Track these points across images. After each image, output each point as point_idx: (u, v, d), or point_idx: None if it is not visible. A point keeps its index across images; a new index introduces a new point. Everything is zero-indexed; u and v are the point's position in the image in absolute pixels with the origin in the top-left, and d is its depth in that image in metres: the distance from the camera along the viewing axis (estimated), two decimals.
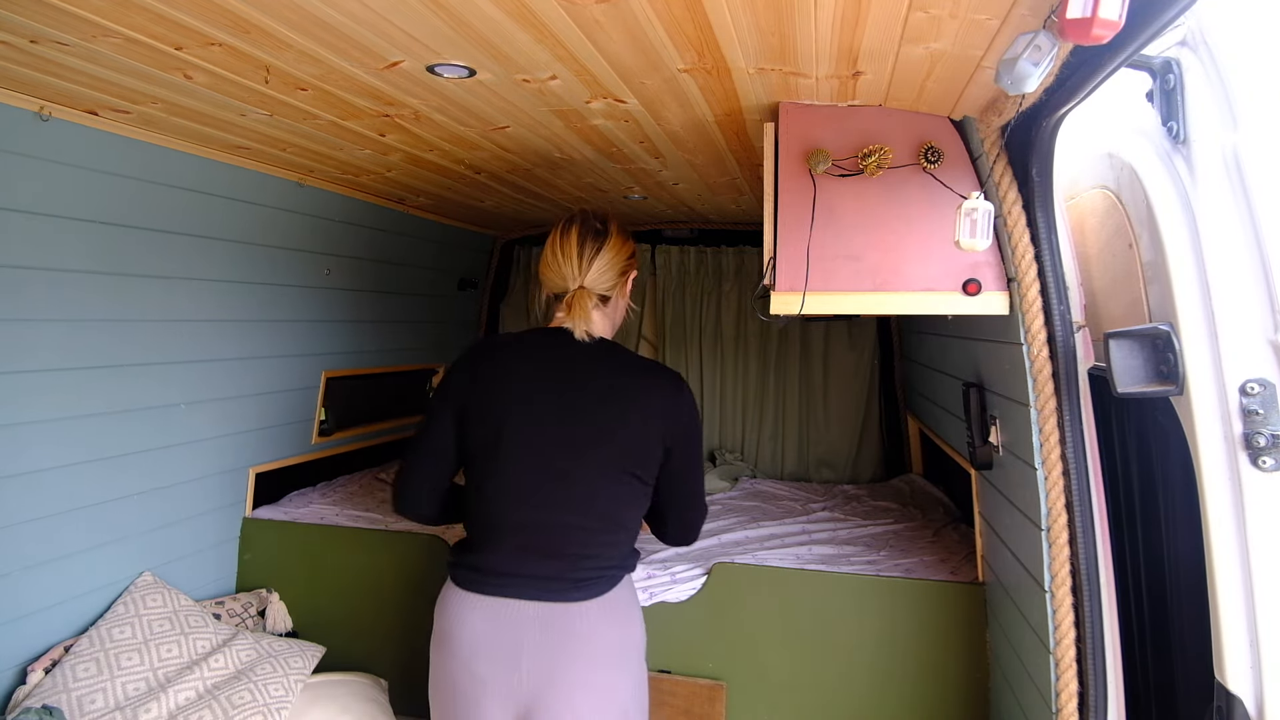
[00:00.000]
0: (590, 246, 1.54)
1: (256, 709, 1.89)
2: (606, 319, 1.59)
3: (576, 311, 1.50)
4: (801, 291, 1.63)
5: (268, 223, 2.43)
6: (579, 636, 1.44)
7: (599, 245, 1.54)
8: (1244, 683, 1.16)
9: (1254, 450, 1.15)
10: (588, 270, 1.53)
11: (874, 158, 1.60)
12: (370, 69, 1.44)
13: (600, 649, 1.45)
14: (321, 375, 2.86)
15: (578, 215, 1.59)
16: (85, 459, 1.99)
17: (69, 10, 1.18)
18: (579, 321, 1.50)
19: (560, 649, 1.43)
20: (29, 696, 1.79)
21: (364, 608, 2.48)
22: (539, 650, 1.42)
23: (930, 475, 3.32)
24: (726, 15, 1.18)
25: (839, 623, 2.17)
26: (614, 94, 1.59)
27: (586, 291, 1.52)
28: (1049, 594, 1.49)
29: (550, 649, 1.42)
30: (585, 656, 1.43)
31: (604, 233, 1.56)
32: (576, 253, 1.54)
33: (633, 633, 1.53)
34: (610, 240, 1.56)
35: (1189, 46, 1.25)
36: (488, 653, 1.43)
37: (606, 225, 1.57)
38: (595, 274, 1.53)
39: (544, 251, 1.58)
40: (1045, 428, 1.48)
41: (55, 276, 1.85)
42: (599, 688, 1.44)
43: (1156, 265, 1.31)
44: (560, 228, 1.57)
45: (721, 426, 3.79)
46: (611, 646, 1.47)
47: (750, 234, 3.65)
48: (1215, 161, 1.22)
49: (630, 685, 1.50)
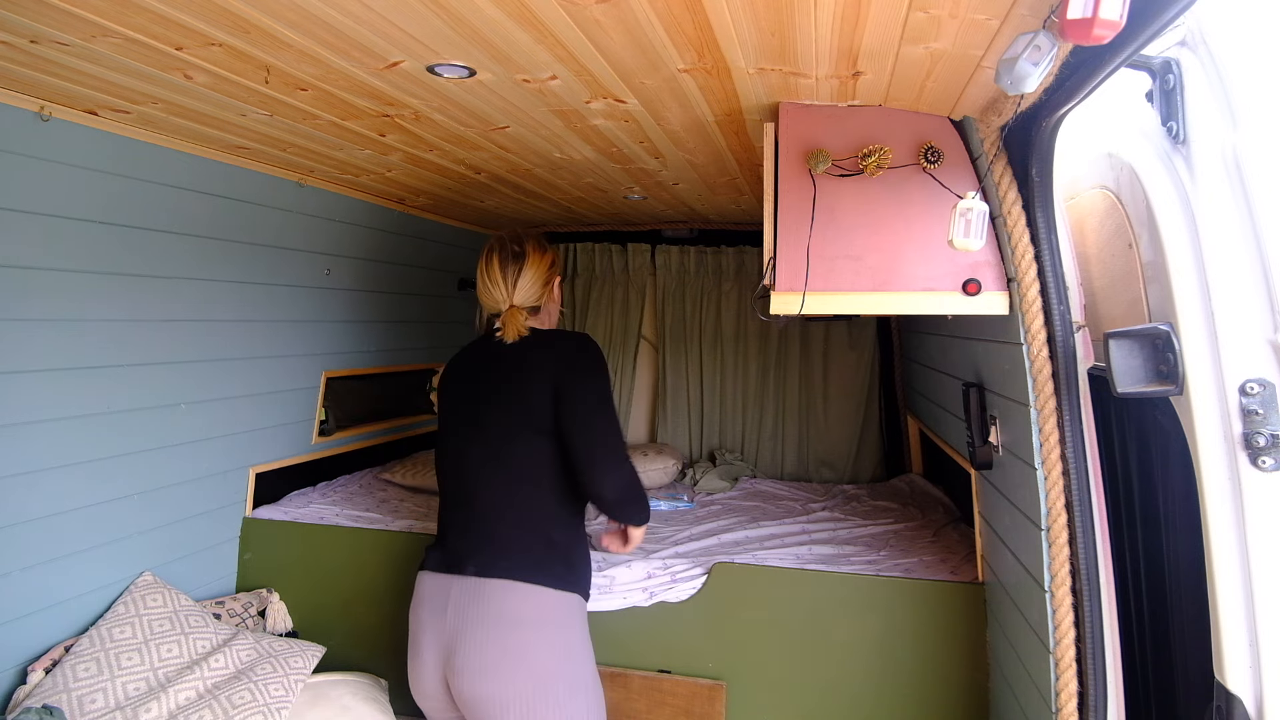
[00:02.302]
0: (512, 269, 1.75)
1: (257, 709, 1.89)
2: (540, 323, 1.82)
3: (510, 328, 1.72)
4: (801, 291, 1.63)
5: (268, 223, 2.43)
6: (489, 600, 1.61)
7: (519, 266, 1.75)
8: (1244, 683, 1.16)
9: (1254, 450, 1.15)
10: (514, 290, 1.75)
11: (874, 158, 1.60)
12: (370, 69, 1.44)
13: (513, 612, 1.59)
14: (321, 375, 2.86)
15: (496, 243, 1.79)
16: (85, 459, 1.99)
17: (69, 10, 1.18)
18: (511, 333, 1.72)
19: (476, 609, 1.61)
20: (29, 696, 1.79)
21: (364, 608, 2.48)
22: (459, 606, 1.62)
23: (930, 475, 3.31)
24: (726, 15, 1.18)
25: (839, 622, 2.17)
26: (614, 94, 1.60)
27: (517, 309, 1.74)
28: (1049, 594, 1.49)
29: (466, 609, 1.62)
30: (498, 617, 1.59)
31: (521, 254, 1.76)
32: (501, 277, 1.75)
33: (554, 603, 1.63)
34: (528, 260, 1.76)
35: (1189, 46, 1.25)
36: (429, 602, 1.66)
37: (523, 246, 1.77)
38: (521, 292, 1.75)
39: (476, 279, 1.80)
40: (1045, 428, 1.48)
41: (55, 276, 1.85)
42: (507, 649, 1.57)
43: (1156, 265, 1.31)
44: (484, 257, 1.78)
45: (721, 426, 3.79)
46: (525, 613, 1.60)
47: (750, 234, 3.65)
48: (1215, 161, 1.22)
49: (548, 653, 1.60)
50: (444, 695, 1.65)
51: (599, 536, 1.96)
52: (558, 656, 1.60)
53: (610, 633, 2.19)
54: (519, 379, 1.68)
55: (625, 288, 3.86)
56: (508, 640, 1.56)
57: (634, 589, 2.25)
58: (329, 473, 3.09)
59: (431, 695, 1.66)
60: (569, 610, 1.64)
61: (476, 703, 1.57)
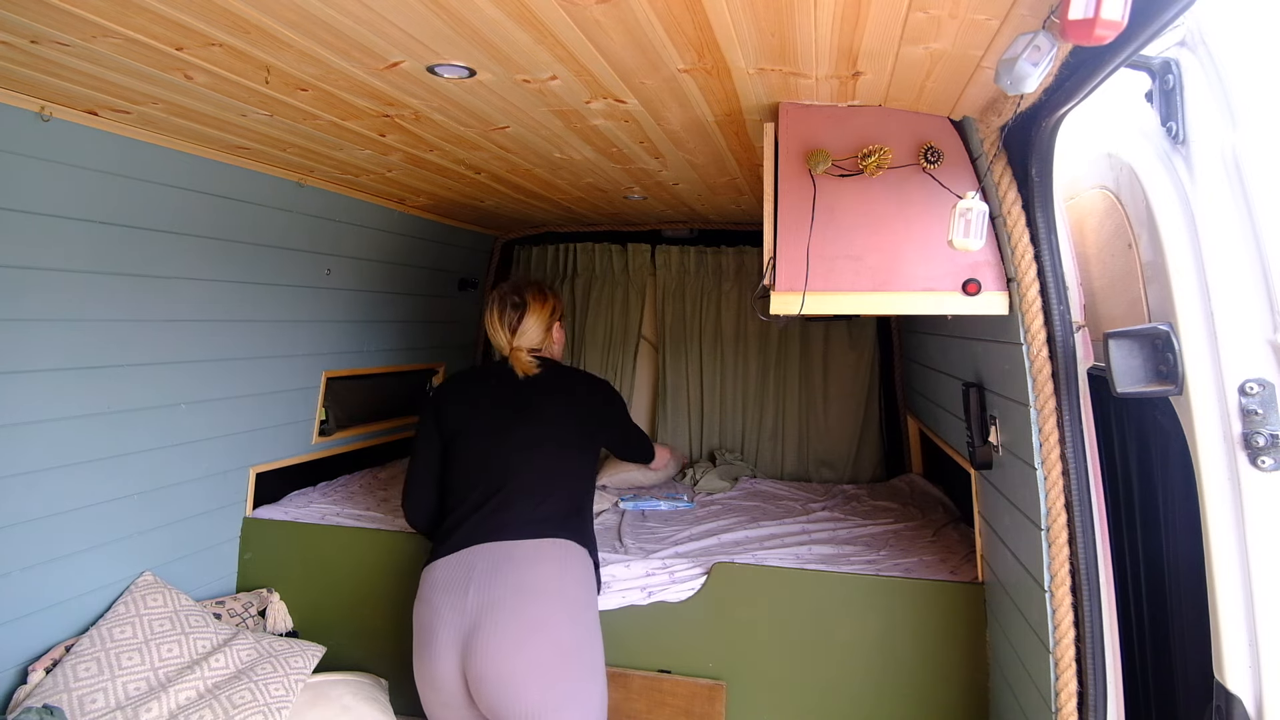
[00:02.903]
0: (511, 318, 2.05)
1: (257, 709, 1.89)
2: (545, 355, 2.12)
3: (517, 366, 2.02)
4: (801, 291, 1.63)
5: (268, 223, 2.43)
6: (518, 564, 1.72)
7: (519, 315, 2.05)
8: (1243, 683, 1.16)
9: (1253, 450, 1.15)
10: (515, 337, 2.04)
11: (874, 158, 1.60)
12: (370, 69, 1.44)
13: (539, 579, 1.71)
14: (321, 375, 2.86)
15: (496, 296, 2.08)
16: (85, 459, 1.99)
17: (69, 10, 1.18)
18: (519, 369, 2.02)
19: (501, 579, 1.69)
20: (30, 696, 1.80)
21: (364, 607, 2.48)
22: (484, 581, 1.70)
23: (930, 475, 3.31)
24: (726, 15, 1.18)
25: (839, 622, 2.17)
26: (614, 94, 1.60)
27: (519, 349, 2.04)
28: (1048, 594, 1.49)
29: (492, 579, 1.70)
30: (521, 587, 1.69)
31: (521, 305, 2.06)
32: (501, 326, 2.05)
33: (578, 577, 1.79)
34: (528, 310, 2.05)
35: (1188, 47, 1.25)
36: (444, 586, 1.74)
37: (523, 297, 2.06)
38: (521, 338, 2.05)
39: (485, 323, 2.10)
40: (1045, 428, 1.48)
41: (55, 276, 1.85)
42: (532, 620, 1.65)
43: (1156, 265, 1.31)
44: (489, 308, 2.08)
45: (721, 426, 3.79)
46: (549, 578, 1.72)
47: (750, 234, 3.65)
48: (1214, 161, 1.22)
49: (570, 628, 1.70)
50: (457, 684, 1.65)
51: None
52: (579, 632, 1.71)
53: (610, 632, 2.18)
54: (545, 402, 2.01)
55: (625, 288, 3.87)
56: (532, 610, 1.66)
57: (632, 588, 2.25)
58: (329, 472, 3.10)
59: (444, 686, 1.67)
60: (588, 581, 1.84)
61: (499, 681, 1.58)
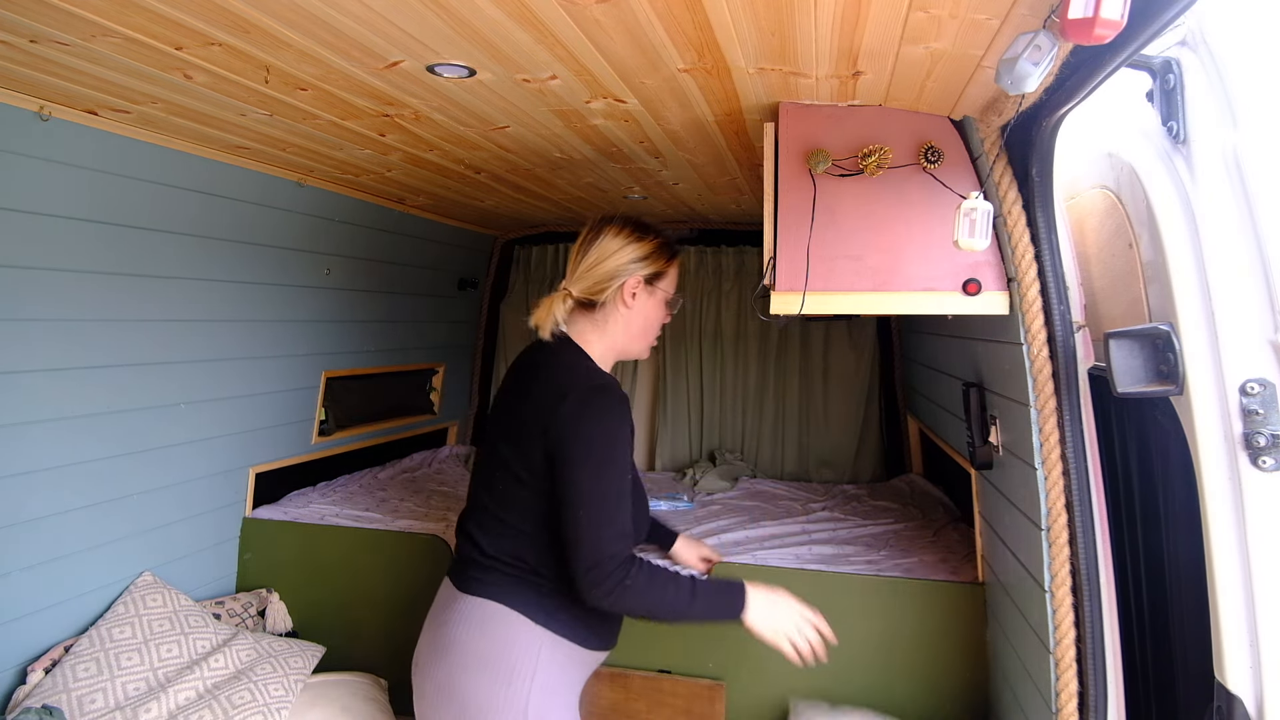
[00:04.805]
0: (584, 243, 1.47)
1: (256, 709, 1.89)
2: (594, 328, 1.48)
3: (542, 310, 1.45)
4: (801, 291, 1.63)
5: (268, 223, 2.43)
6: (443, 618, 1.40)
7: (590, 241, 1.46)
8: (1244, 683, 1.16)
9: (1254, 450, 1.15)
10: (575, 269, 1.47)
11: (874, 158, 1.60)
12: (370, 69, 1.44)
13: (453, 642, 1.37)
14: (321, 375, 2.86)
15: (591, 220, 1.52)
16: (85, 459, 1.99)
17: (69, 10, 1.18)
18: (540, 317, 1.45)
19: (430, 631, 1.42)
20: (29, 696, 1.79)
21: (364, 608, 2.48)
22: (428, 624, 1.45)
23: (930, 475, 3.31)
24: (726, 15, 1.18)
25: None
26: (614, 94, 1.59)
27: (564, 292, 1.45)
28: (1049, 594, 1.49)
29: (428, 625, 1.44)
30: (435, 645, 1.39)
31: (599, 227, 1.47)
32: (576, 251, 1.49)
33: (502, 648, 1.35)
34: (603, 237, 1.45)
35: (1189, 46, 1.25)
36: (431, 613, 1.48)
37: (609, 221, 1.48)
38: (579, 273, 1.46)
39: None
40: (1045, 428, 1.48)
41: (55, 276, 1.85)
42: (441, 684, 1.36)
43: (1156, 265, 1.31)
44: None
45: (721, 426, 3.79)
46: (470, 655, 1.35)
47: (750, 234, 3.65)
48: (1215, 161, 1.22)
49: (487, 701, 1.32)
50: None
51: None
52: (497, 706, 1.31)
53: None
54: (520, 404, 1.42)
55: None
56: (439, 674, 1.37)
57: None
58: (329, 473, 3.10)
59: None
60: (525, 654, 1.35)
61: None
